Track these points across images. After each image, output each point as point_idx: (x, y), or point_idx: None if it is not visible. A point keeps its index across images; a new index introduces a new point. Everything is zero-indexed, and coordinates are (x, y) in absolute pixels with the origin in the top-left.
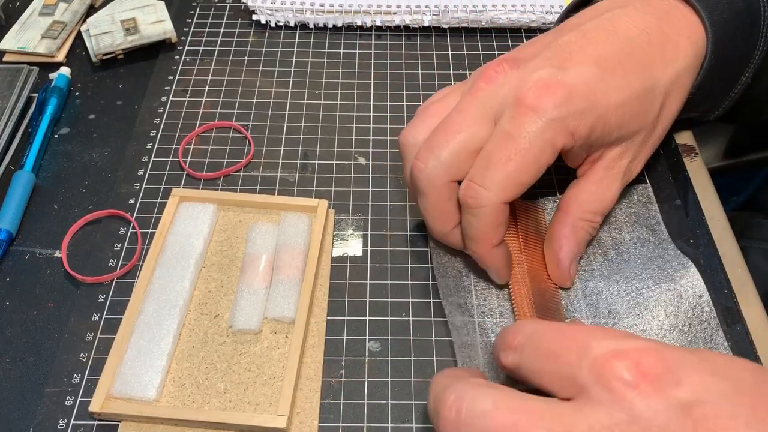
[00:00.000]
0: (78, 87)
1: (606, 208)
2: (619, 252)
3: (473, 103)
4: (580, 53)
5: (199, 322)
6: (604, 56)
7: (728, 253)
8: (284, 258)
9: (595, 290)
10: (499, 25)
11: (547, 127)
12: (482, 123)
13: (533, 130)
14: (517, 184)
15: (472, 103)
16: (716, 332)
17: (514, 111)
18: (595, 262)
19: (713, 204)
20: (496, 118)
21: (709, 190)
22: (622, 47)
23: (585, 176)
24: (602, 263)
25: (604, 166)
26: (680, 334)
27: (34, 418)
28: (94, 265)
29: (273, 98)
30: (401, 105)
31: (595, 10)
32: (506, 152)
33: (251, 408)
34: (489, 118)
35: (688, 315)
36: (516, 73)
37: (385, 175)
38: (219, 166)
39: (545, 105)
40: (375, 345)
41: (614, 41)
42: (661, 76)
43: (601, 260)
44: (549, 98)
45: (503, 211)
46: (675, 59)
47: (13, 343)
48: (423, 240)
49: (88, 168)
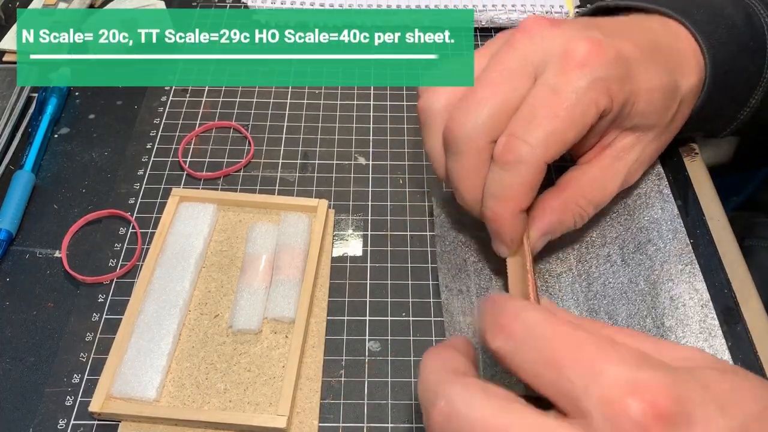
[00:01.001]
0: (78, 86)
1: (602, 200)
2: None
3: (513, 54)
4: (618, 33)
5: (199, 322)
6: (640, 43)
7: (728, 253)
8: (284, 258)
9: (590, 274)
10: (499, 25)
11: (594, 84)
12: (523, 77)
13: (581, 86)
14: (562, 142)
15: (511, 56)
16: (719, 340)
17: (561, 65)
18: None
19: (713, 204)
20: (537, 73)
21: (709, 190)
22: (654, 43)
23: (590, 162)
24: (605, 258)
25: (612, 155)
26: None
27: (34, 418)
28: (94, 265)
29: (273, 98)
30: (401, 105)
31: (618, 17)
32: (552, 107)
33: (251, 408)
34: (529, 72)
35: (683, 319)
36: (559, 31)
37: (385, 175)
38: (219, 166)
39: (595, 62)
40: (375, 345)
41: (647, 37)
42: (681, 83)
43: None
44: (599, 56)
45: (542, 172)
46: (690, 73)
47: (13, 343)
48: (423, 240)
49: (88, 168)
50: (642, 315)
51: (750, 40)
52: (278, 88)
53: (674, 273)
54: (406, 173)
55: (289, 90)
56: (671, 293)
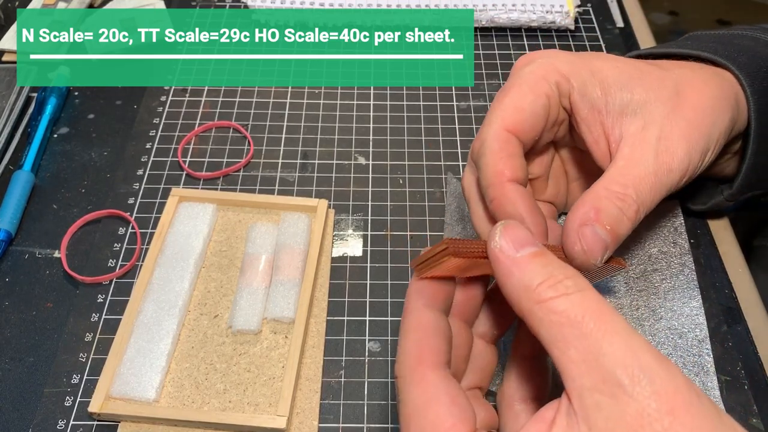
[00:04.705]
0: (77, 86)
1: (637, 182)
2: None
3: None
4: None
5: (198, 323)
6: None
7: (728, 253)
8: (284, 258)
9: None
10: (500, 25)
11: (537, 66)
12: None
13: (526, 70)
14: (516, 108)
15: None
16: (710, 377)
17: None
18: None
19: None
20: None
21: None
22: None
23: (613, 159)
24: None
25: (628, 143)
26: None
27: (33, 419)
28: (94, 266)
29: (273, 98)
30: (401, 105)
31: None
32: (502, 91)
33: (251, 408)
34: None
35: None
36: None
37: (385, 175)
38: (218, 166)
39: (535, 55)
40: (375, 345)
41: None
42: (668, 65)
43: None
44: (538, 52)
45: (508, 140)
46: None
47: (12, 344)
48: (423, 240)
49: (88, 168)
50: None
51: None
52: (278, 88)
53: (677, 306)
54: (406, 173)
55: (288, 90)
56: (670, 323)
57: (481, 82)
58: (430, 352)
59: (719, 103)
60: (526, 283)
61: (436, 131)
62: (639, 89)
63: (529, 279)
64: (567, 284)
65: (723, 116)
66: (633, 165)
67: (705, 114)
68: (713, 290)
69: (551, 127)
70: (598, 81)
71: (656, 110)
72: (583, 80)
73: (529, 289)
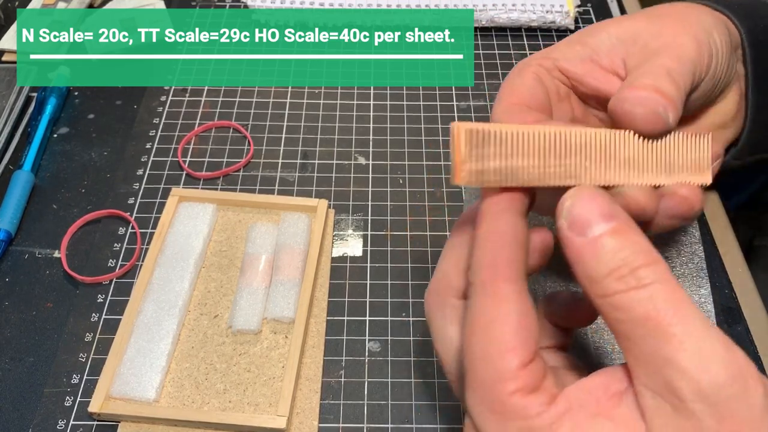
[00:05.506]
0: (77, 86)
1: (658, 69)
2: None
3: None
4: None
5: (198, 323)
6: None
7: (728, 253)
8: (284, 258)
9: None
10: (500, 24)
11: (524, 64)
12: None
13: (514, 71)
14: (512, 89)
15: None
16: None
17: None
18: None
19: (714, 204)
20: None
21: (709, 190)
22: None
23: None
24: None
25: (634, 58)
26: None
27: (33, 419)
28: (94, 266)
29: (273, 98)
30: (401, 105)
31: None
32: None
33: (251, 408)
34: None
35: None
36: None
37: (385, 175)
38: (218, 166)
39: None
40: (375, 345)
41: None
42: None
43: None
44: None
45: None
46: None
47: (12, 344)
48: (423, 240)
49: (88, 168)
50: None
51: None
52: (278, 87)
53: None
54: (406, 173)
55: (288, 90)
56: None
57: (481, 82)
58: (508, 264)
59: (712, 19)
60: (590, 274)
61: (436, 131)
62: (626, 23)
63: (596, 269)
64: (642, 274)
65: (718, 29)
66: (649, 62)
67: (698, 22)
68: (713, 290)
69: (558, 103)
70: (582, 44)
71: (647, 29)
72: (568, 51)
73: (593, 280)
